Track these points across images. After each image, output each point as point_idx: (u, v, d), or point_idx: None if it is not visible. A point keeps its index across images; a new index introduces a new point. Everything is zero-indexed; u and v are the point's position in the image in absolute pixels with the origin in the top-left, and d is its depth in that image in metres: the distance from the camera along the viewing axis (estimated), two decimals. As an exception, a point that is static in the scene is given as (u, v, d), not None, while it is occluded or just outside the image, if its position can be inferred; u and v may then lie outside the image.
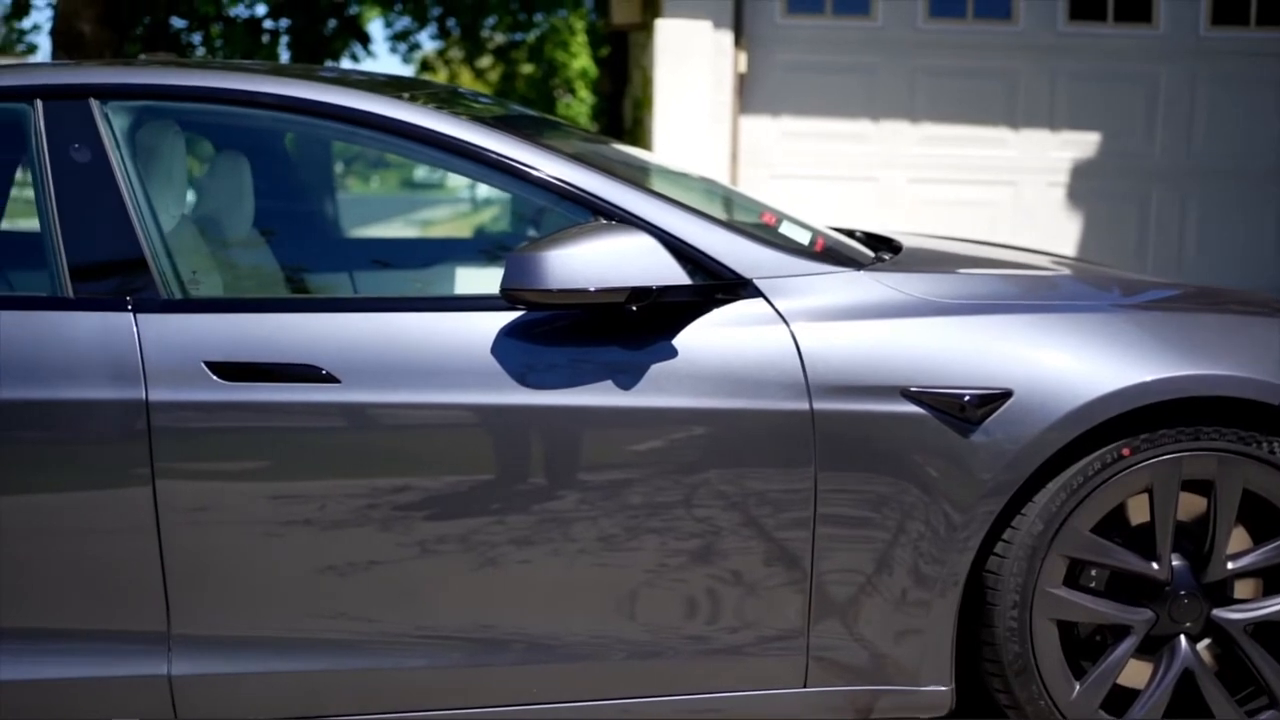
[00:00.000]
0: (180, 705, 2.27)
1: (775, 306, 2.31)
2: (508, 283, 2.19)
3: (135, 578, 2.23)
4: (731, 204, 2.98)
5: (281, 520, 2.23)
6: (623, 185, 2.39)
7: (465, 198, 28.42)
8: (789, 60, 6.54)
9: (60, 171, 2.32)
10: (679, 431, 2.26)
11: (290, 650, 2.27)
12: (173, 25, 16.23)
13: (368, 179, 28.78)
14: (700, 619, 2.30)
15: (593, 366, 2.26)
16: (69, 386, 2.20)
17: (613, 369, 2.25)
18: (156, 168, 2.53)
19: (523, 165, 2.37)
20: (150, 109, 2.50)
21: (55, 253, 2.29)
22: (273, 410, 2.22)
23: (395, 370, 2.24)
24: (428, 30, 18.09)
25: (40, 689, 2.25)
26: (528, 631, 2.29)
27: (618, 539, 2.26)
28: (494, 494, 2.25)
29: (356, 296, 2.87)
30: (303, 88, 2.43)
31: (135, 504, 2.20)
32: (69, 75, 2.43)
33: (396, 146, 2.43)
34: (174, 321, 2.26)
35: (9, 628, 2.24)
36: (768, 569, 2.29)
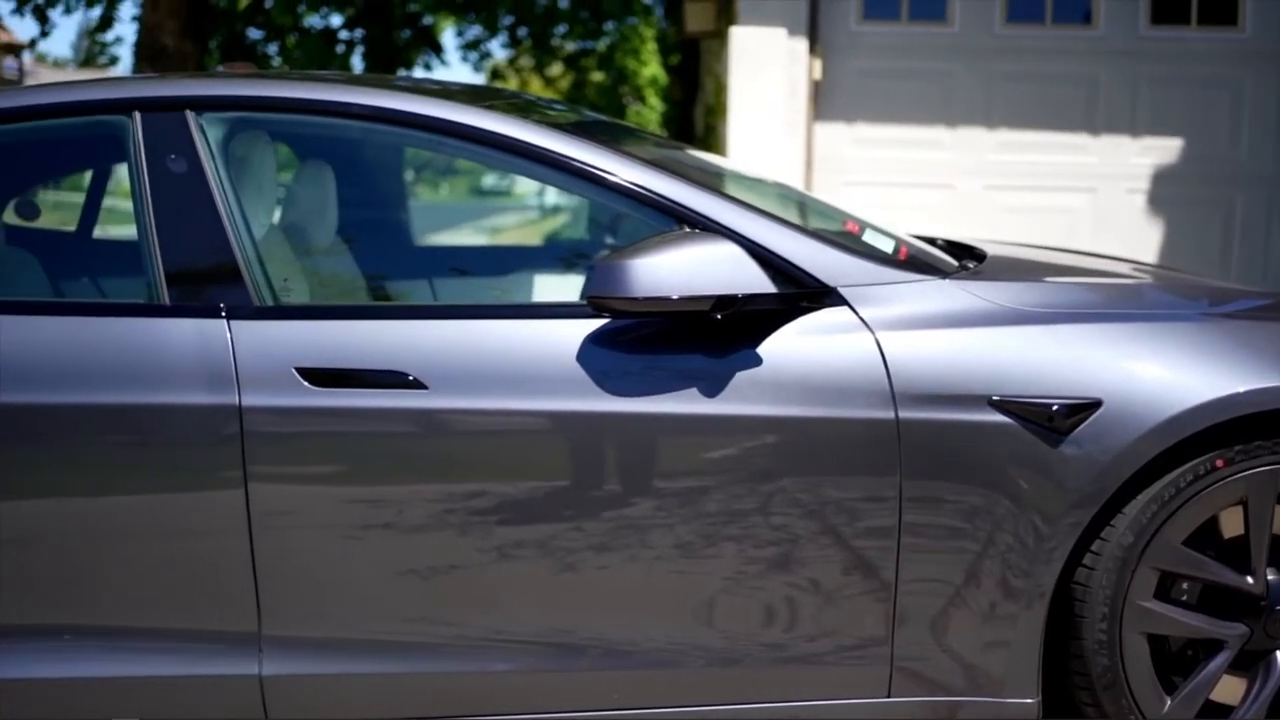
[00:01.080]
0: (270, 705, 2.31)
1: (860, 315, 2.30)
2: (593, 290, 2.21)
3: (228, 579, 2.27)
4: (813, 211, 2.97)
5: (367, 524, 2.26)
6: (707, 193, 2.39)
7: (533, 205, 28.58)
8: (864, 67, 6.50)
9: (157, 181, 2.37)
10: (761, 439, 2.26)
11: (375, 653, 2.30)
12: (248, 36, 16.54)
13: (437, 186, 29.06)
14: (778, 626, 2.30)
15: (676, 374, 2.26)
16: (165, 392, 2.25)
17: (696, 377, 2.26)
18: (248, 177, 2.58)
19: (608, 173, 2.38)
20: (243, 120, 2.55)
21: (152, 261, 2.34)
22: (361, 416, 2.26)
23: (482, 377, 2.26)
24: (498, 39, 18.26)
25: (137, 686, 2.30)
26: (605, 637, 2.30)
27: (699, 546, 2.26)
28: (576, 500, 2.26)
29: (444, 304, 2.90)
30: (394, 98, 2.47)
31: (228, 507, 2.25)
32: (165, 88, 2.49)
33: (484, 156, 2.46)
34: (266, 328, 2.30)
35: (107, 626, 2.30)
36: (847, 577, 2.28)
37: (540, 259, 4.24)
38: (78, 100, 2.49)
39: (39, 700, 2.31)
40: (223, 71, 8.57)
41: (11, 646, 2.29)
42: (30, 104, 2.48)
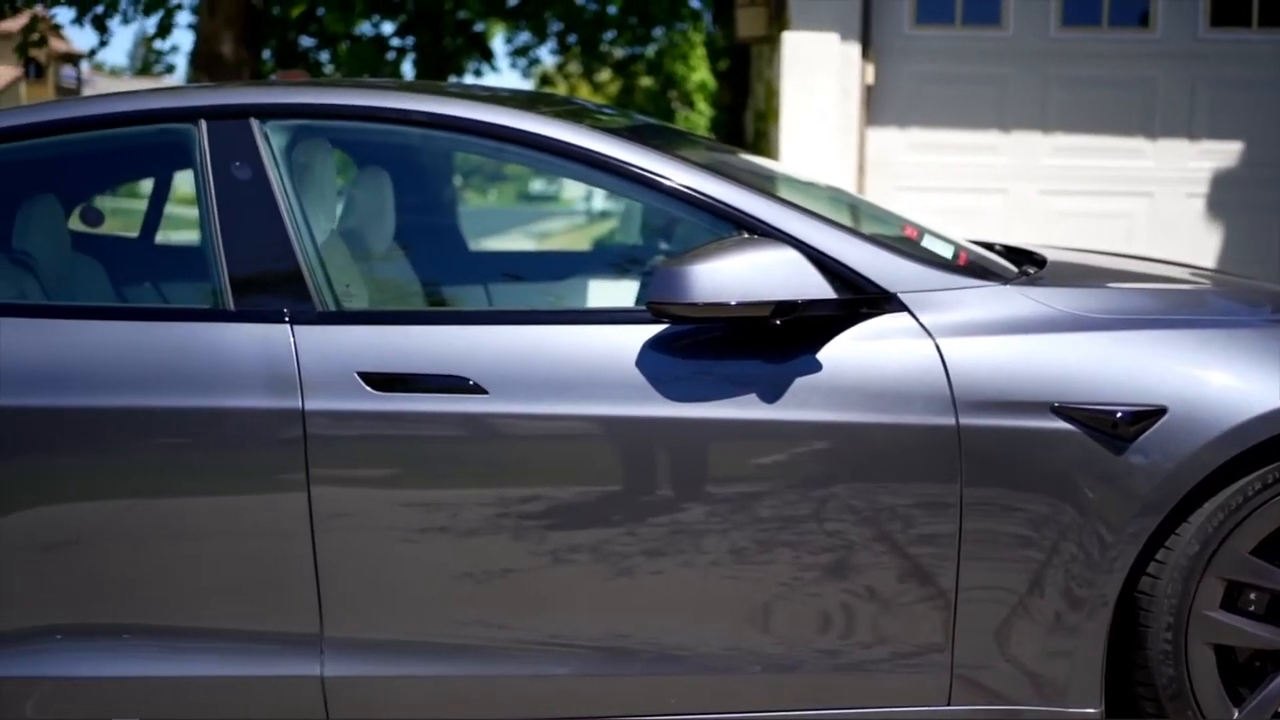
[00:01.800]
0: (332, 706, 2.33)
1: (920, 321, 2.29)
2: (653, 296, 2.22)
3: (290, 581, 2.30)
4: (871, 216, 2.96)
5: (426, 527, 2.28)
6: (767, 198, 2.40)
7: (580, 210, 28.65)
8: (917, 71, 6.47)
9: (222, 188, 2.40)
10: (820, 446, 2.25)
11: (432, 655, 2.32)
12: (300, 44, 16.74)
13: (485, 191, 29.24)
14: (834, 633, 2.28)
15: (735, 380, 2.26)
16: (230, 396, 2.28)
17: (755, 382, 2.26)
18: (310, 184, 2.61)
19: (667, 179, 2.39)
20: (306, 127, 2.58)
21: (217, 266, 2.37)
22: (422, 420, 2.28)
23: (542, 382, 2.27)
24: (547, 45, 18.35)
25: (199, 685, 2.34)
26: (660, 642, 2.30)
27: (755, 552, 2.26)
28: (633, 505, 2.27)
29: (505, 309, 2.92)
30: (454, 105, 2.49)
31: (291, 509, 2.27)
32: (230, 96, 2.53)
33: (543, 161, 2.47)
34: (329, 333, 2.32)
35: (170, 626, 2.33)
36: (904, 584, 2.27)
37: (593, 264, 4.25)
38: (146, 109, 2.53)
39: (102, 698, 2.35)
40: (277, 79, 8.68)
41: (77, 645, 2.33)
42: (100, 113, 2.53)
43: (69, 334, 2.35)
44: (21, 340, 2.34)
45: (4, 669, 2.32)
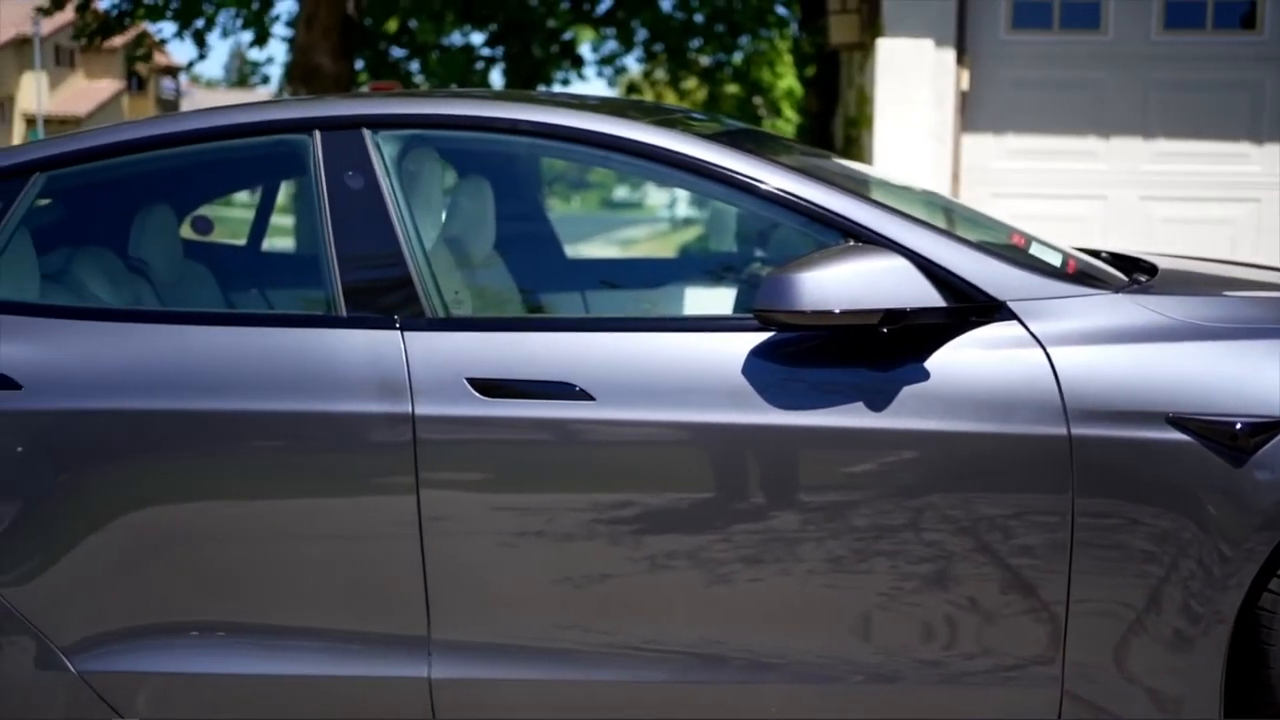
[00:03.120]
0: (439, 707, 2.36)
1: (1030, 329, 2.26)
2: (761, 303, 2.21)
3: (399, 583, 2.33)
4: (976, 223, 2.93)
5: (533, 532, 2.30)
6: (874, 207, 2.38)
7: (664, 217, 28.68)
8: (1013, 77, 6.39)
9: (335, 197, 2.45)
10: (928, 455, 2.23)
11: (537, 659, 2.34)
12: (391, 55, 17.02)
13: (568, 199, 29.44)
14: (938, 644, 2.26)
15: (843, 388, 2.25)
16: (342, 400, 2.32)
17: (863, 390, 2.25)
18: (419, 193, 2.65)
19: (774, 187, 2.39)
20: (416, 137, 2.62)
21: (330, 274, 2.42)
22: (530, 426, 2.30)
23: (649, 389, 2.28)
24: (633, 53, 18.43)
25: (308, 685, 2.38)
26: (756, 649, 2.30)
27: (863, 560, 2.25)
28: (741, 512, 2.26)
29: (612, 316, 2.94)
30: (563, 115, 2.51)
31: (401, 513, 2.31)
32: (344, 107, 2.58)
33: (653, 171, 2.49)
34: (438, 339, 2.35)
35: (281, 625, 2.38)
36: (1011, 595, 2.24)
37: (688, 271, 4.26)
38: (262, 120, 2.58)
39: (211, 695, 2.40)
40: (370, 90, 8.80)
41: (187, 642, 2.38)
42: (218, 125, 2.58)
43: (186, 339, 2.41)
44: (140, 345, 2.40)
45: (117, 664, 2.38)
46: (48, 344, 2.41)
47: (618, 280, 3.90)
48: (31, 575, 2.37)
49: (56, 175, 2.59)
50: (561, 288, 3.53)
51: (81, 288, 2.72)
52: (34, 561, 2.36)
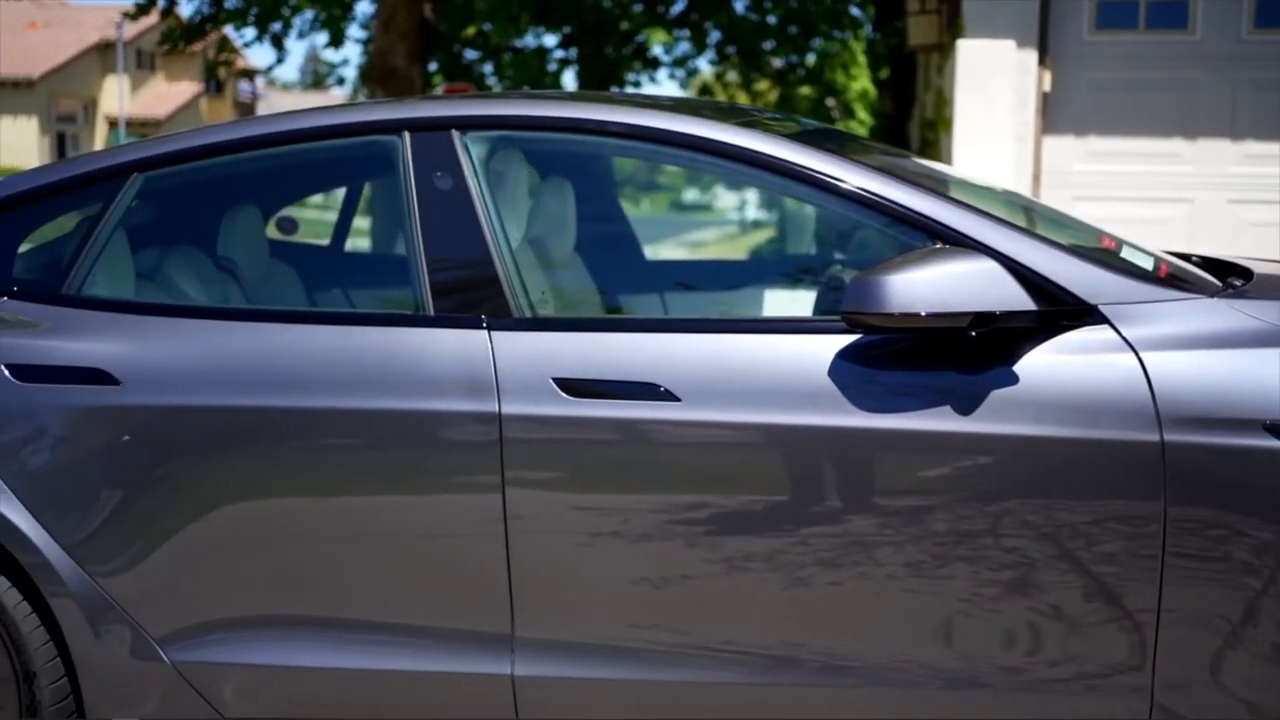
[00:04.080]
0: (522, 705, 2.37)
1: (1122, 334, 2.23)
2: (849, 305, 2.20)
3: (483, 580, 2.35)
4: (1064, 226, 2.89)
5: (617, 532, 2.31)
6: (963, 209, 2.36)
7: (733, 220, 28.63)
8: (1096, 78, 6.29)
9: (424, 198, 2.48)
10: (1017, 459, 2.20)
11: (620, 658, 2.34)
12: (465, 57, 17.17)
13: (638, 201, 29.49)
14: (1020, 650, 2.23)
15: (930, 391, 2.24)
16: (429, 399, 2.35)
17: (950, 394, 2.23)
18: (505, 193, 2.67)
19: (862, 190, 2.37)
20: (504, 138, 2.64)
21: (418, 273, 2.44)
22: (615, 427, 2.30)
23: (734, 390, 2.28)
24: (706, 55, 18.42)
25: (392, 679, 2.40)
26: (835, 652, 2.29)
27: (949, 563, 2.23)
28: (829, 514, 2.26)
29: (697, 318, 2.94)
30: (649, 117, 2.51)
31: (486, 511, 2.32)
32: (433, 108, 2.60)
33: (737, 172, 2.48)
34: (525, 339, 2.37)
35: (366, 620, 2.41)
36: (1096, 603, 2.20)
37: (767, 273, 4.25)
38: (353, 122, 2.62)
39: (297, 687, 2.44)
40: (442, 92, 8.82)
41: (276, 635, 2.42)
42: (311, 126, 2.62)
43: (278, 337, 2.45)
44: (232, 343, 2.45)
45: (208, 655, 2.43)
46: (144, 341, 2.46)
47: (696, 282, 3.90)
48: (128, 566, 2.42)
49: (153, 176, 2.65)
50: (641, 289, 3.54)
51: (173, 286, 2.77)
52: (131, 553, 2.42)
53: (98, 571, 2.42)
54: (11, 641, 2.42)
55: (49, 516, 2.41)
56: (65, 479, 2.42)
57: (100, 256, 2.59)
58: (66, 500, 2.41)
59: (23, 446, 2.43)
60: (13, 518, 2.40)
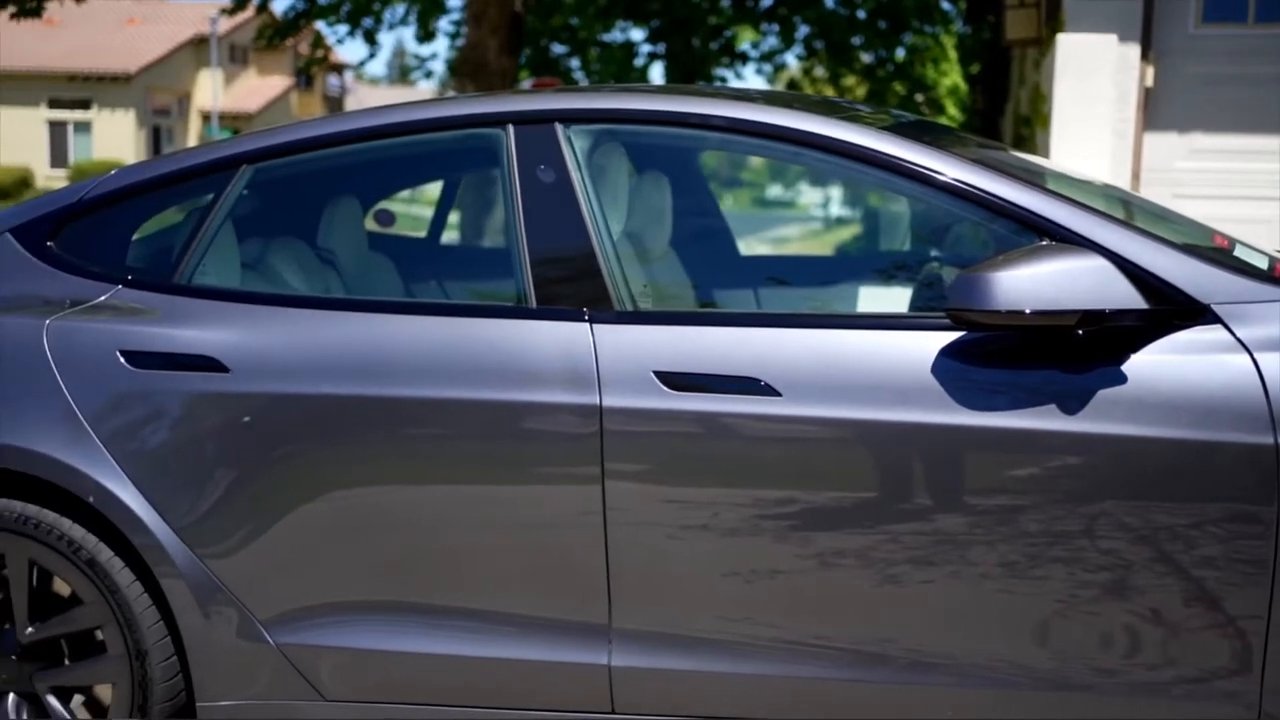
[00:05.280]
0: (618, 695, 2.39)
1: (1236, 334, 2.18)
2: (955, 302, 2.18)
3: (582, 571, 2.36)
4: (1172, 223, 2.83)
5: (714, 525, 2.30)
6: (1073, 206, 2.32)
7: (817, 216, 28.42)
8: (1202, 73, 6.14)
9: (528, 190, 2.49)
10: (1124, 460, 2.17)
11: (714, 651, 2.34)
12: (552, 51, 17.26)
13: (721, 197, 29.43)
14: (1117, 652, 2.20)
15: (1035, 390, 2.21)
16: (531, 390, 2.37)
17: (1055, 393, 2.20)
18: (607, 187, 2.68)
19: (972, 187, 2.34)
20: (606, 131, 2.65)
21: (521, 266, 2.46)
22: (716, 420, 2.30)
23: (835, 386, 2.27)
24: (793, 50, 18.32)
25: (488, 665, 2.43)
26: (926, 650, 2.27)
27: (1034, 566, 2.20)
28: (924, 511, 2.24)
29: (798, 313, 2.93)
30: (754, 111, 2.51)
31: (586, 502, 2.34)
32: (536, 102, 2.61)
33: (843, 167, 2.46)
34: (626, 332, 2.38)
35: (463, 607, 2.43)
36: (1197, 607, 2.16)
37: (860, 269, 4.22)
38: (458, 115, 2.64)
39: (393, 671, 2.47)
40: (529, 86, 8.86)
41: (376, 619, 2.46)
42: (417, 119, 2.65)
43: (381, 327, 2.48)
44: (336, 332, 2.48)
45: (309, 638, 2.47)
46: (252, 330, 2.51)
47: (789, 277, 3.89)
48: (235, 550, 2.47)
49: (262, 167, 2.70)
50: (735, 283, 3.53)
51: (277, 276, 2.82)
52: (238, 537, 2.47)
53: (206, 554, 2.47)
54: (125, 620, 2.49)
55: (160, 499, 2.47)
56: (175, 463, 2.48)
57: (210, 246, 2.65)
58: (177, 484, 2.47)
59: (136, 431, 2.49)
60: (126, 500, 2.46)
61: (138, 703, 2.50)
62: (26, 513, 2.51)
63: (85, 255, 2.68)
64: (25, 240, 2.70)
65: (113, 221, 2.73)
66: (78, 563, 2.50)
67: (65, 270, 2.66)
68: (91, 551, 2.49)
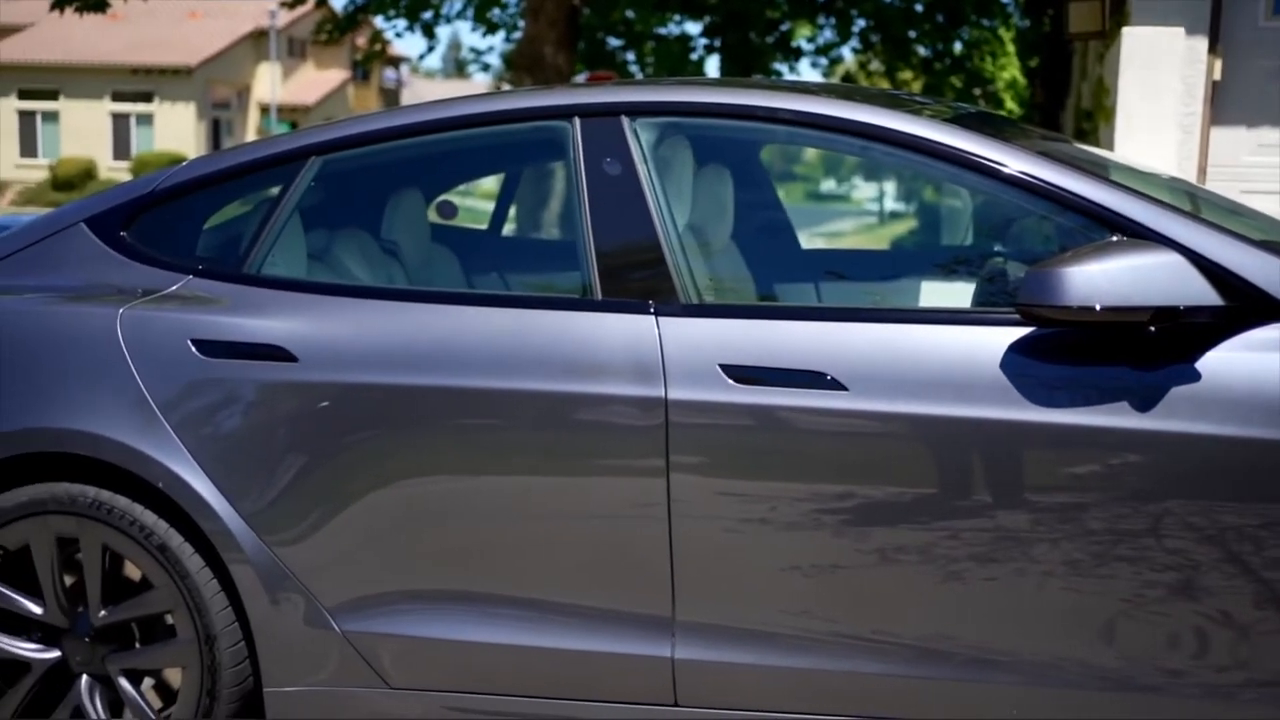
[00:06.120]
0: (680, 688, 2.39)
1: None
2: (1025, 298, 2.16)
3: (645, 563, 2.37)
4: (1245, 218, 2.79)
5: (777, 519, 2.30)
6: (1145, 201, 2.30)
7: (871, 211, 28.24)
8: (1271, 66, 6.02)
9: (594, 183, 2.50)
10: (1198, 459, 2.14)
11: (779, 646, 2.34)
12: (608, 44, 17.27)
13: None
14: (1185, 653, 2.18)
15: (1105, 387, 2.19)
16: (596, 382, 2.37)
17: (1125, 390, 2.18)
18: (672, 179, 2.68)
19: (1050, 185, 2.32)
20: (672, 124, 2.65)
21: (586, 258, 2.47)
22: (782, 414, 2.30)
23: (902, 381, 2.26)
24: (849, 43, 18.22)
25: (550, 656, 2.44)
26: (989, 647, 2.26)
27: (1100, 565, 2.18)
28: (994, 508, 2.23)
29: (865, 307, 2.92)
30: (821, 104, 2.50)
31: (650, 494, 2.34)
32: (603, 94, 2.62)
33: (913, 162, 2.45)
34: (692, 325, 2.38)
35: (525, 598, 2.44)
36: (1266, 610, 2.13)
37: (922, 263, 4.18)
38: (526, 107, 2.66)
39: (455, 660, 2.49)
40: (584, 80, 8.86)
41: (442, 608, 2.47)
42: (485, 111, 2.67)
43: (448, 318, 2.50)
44: (404, 323, 2.50)
45: (374, 626, 2.50)
46: (320, 320, 2.53)
47: (849, 271, 3.86)
48: (303, 537, 2.50)
49: (330, 159, 2.72)
50: (796, 277, 3.52)
51: (342, 266, 2.85)
52: (305, 524, 2.50)
53: (274, 541, 2.50)
54: (194, 605, 2.53)
55: (230, 487, 2.50)
56: (245, 451, 2.51)
57: (279, 237, 2.68)
58: (245, 471, 2.50)
59: (206, 419, 2.53)
60: (196, 486, 2.50)
61: (206, 687, 2.54)
62: (100, 498, 2.55)
63: (157, 245, 2.72)
64: (99, 230, 2.74)
65: (184, 212, 2.77)
66: (149, 548, 2.54)
67: (138, 260, 2.70)
68: (163, 537, 2.53)
